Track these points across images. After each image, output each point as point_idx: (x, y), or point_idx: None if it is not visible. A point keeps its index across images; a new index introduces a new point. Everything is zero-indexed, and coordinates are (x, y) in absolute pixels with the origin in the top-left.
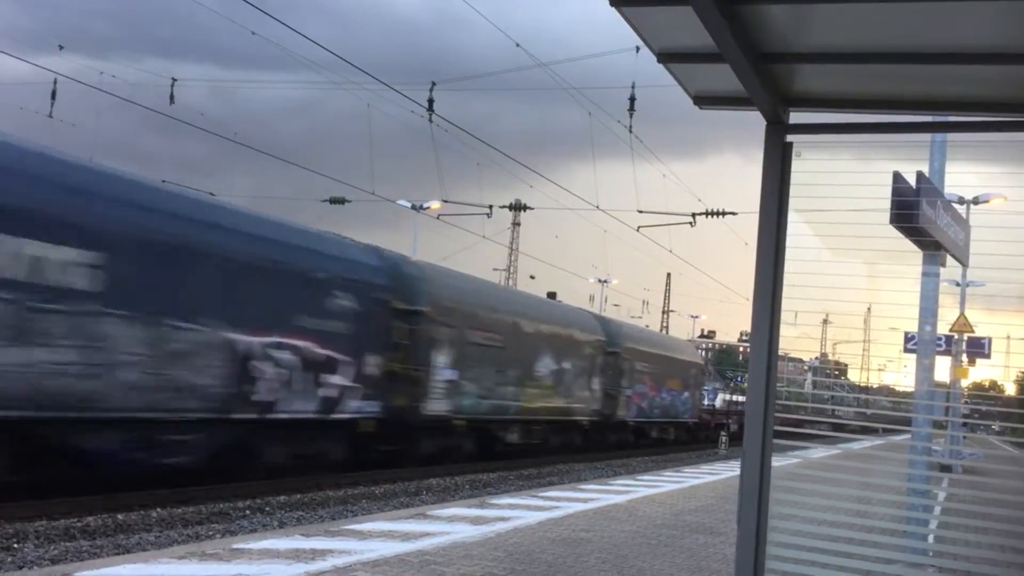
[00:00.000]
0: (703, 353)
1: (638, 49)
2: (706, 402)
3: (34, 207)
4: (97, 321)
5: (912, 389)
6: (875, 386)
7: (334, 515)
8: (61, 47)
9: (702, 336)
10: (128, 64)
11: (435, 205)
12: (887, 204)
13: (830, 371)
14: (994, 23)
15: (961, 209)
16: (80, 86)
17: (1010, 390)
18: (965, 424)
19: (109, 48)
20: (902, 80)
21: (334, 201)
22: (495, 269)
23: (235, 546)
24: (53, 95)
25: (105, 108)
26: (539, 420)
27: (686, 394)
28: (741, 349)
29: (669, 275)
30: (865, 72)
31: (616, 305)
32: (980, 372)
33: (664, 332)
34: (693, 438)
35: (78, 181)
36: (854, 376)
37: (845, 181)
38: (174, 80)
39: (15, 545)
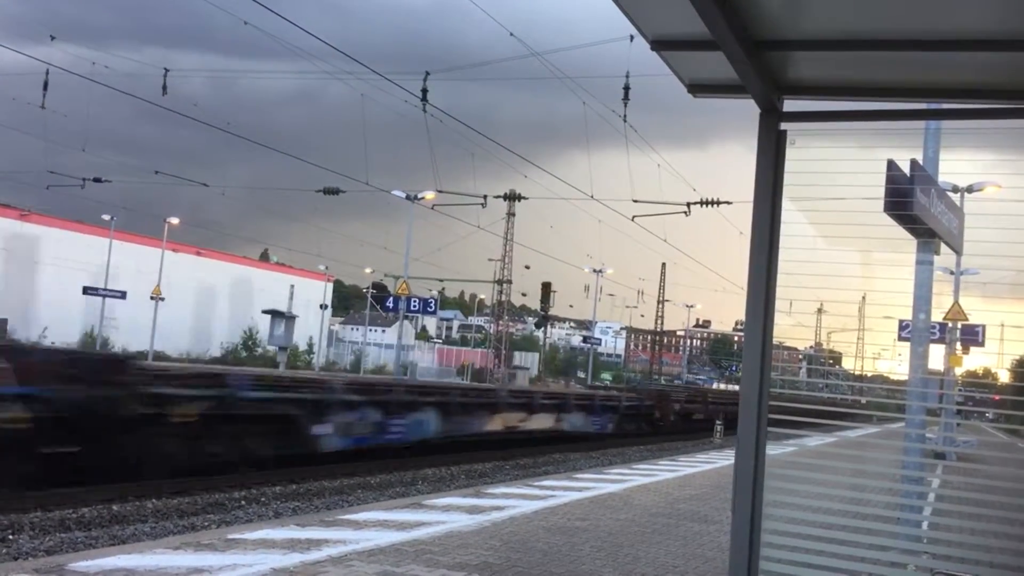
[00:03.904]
0: (699, 343)
1: (632, 38)
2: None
3: None
4: None
5: (906, 377)
6: (870, 375)
7: (330, 505)
8: (53, 37)
9: (697, 325)
10: (126, 54)
11: (430, 196)
12: (881, 192)
13: (824, 360)
14: (989, 9)
15: (955, 197)
16: (74, 77)
17: (1004, 378)
18: (959, 412)
19: (106, 38)
20: (897, 67)
21: (328, 191)
22: (490, 259)
23: (230, 536)
24: (45, 86)
25: (99, 98)
26: None
27: None
28: (736, 338)
29: (664, 265)
30: (859, 59)
31: (611, 295)
32: (974, 360)
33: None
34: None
35: None
36: (848, 365)
37: (839, 169)
38: (167, 70)
39: (10, 536)
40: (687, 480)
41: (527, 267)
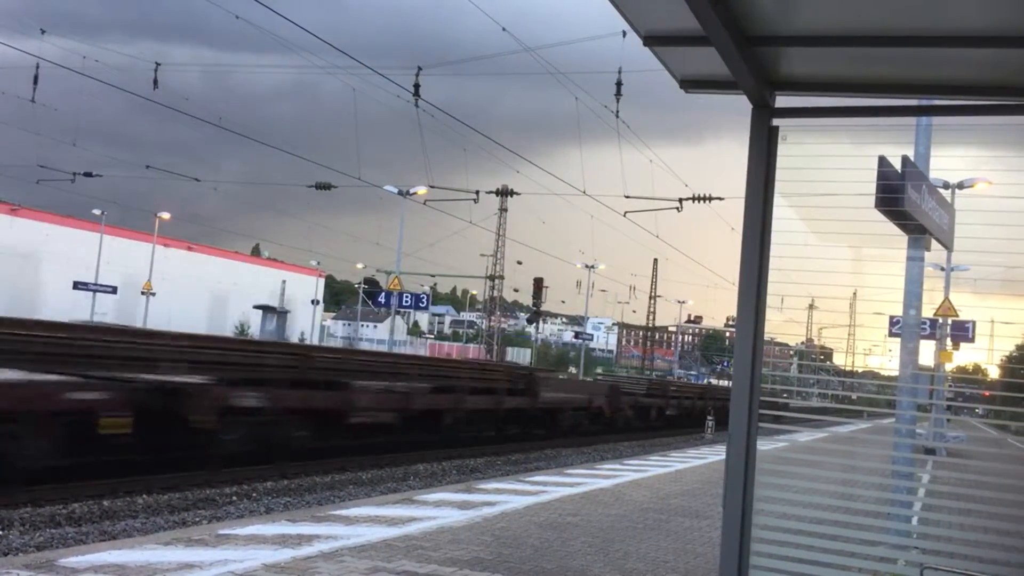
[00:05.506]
0: (690, 339)
1: (625, 34)
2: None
3: None
4: None
5: (896, 373)
6: (860, 370)
7: (321, 500)
8: (43, 31)
9: (689, 321)
10: (118, 47)
11: (422, 191)
12: (873, 188)
13: (816, 356)
14: (980, 6)
15: (946, 193)
16: (64, 70)
17: (994, 374)
18: (949, 408)
19: (98, 31)
20: (888, 63)
21: (320, 187)
22: (482, 255)
23: (221, 532)
24: (36, 79)
25: (90, 92)
26: None
27: None
28: (727, 334)
29: (656, 260)
30: (851, 55)
31: (603, 291)
32: (964, 356)
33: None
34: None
35: None
36: (839, 360)
37: (831, 165)
38: (157, 64)
39: (0, 532)
40: (678, 476)
41: (519, 263)
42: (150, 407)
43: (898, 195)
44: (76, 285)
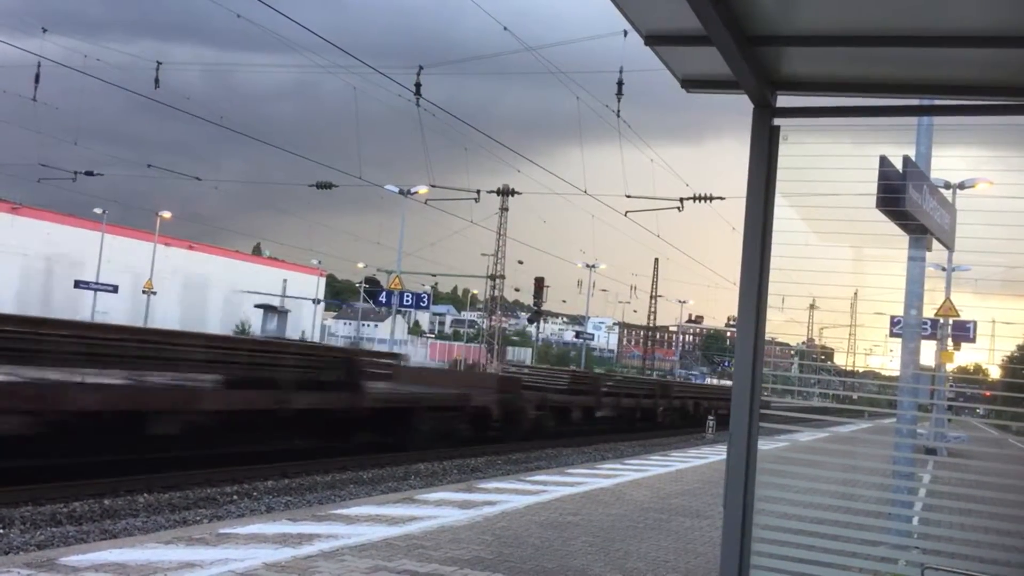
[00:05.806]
0: (691, 338)
1: (626, 33)
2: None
3: None
4: None
5: (897, 373)
6: (861, 370)
7: (322, 500)
8: (45, 29)
9: (690, 321)
10: (119, 46)
11: (423, 190)
12: (874, 188)
13: (817, 356)
14: (981, 5)
15: (947, 193)
16: (66, 69)
17: (995, 374)
18: (950, 408)
19: (99, 30)
20: (890, 63)
21: (321, 186)
22: (483, 254)
23: (222, 531)
24: (37, 78)
25: (91, 91)
26: None
27: None
28: (728, 334)
29: (657, 260)
30: (853, 55)
31: (604, 290)
32: (965, 356)
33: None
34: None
35: None
36: (840, 360)
37: (832, 165)
38: (159, 63)
39: (1, 531)
40: (679, 475)
41: (520, 262)
42: None
43: (899, 195)
44: (77, 284)
